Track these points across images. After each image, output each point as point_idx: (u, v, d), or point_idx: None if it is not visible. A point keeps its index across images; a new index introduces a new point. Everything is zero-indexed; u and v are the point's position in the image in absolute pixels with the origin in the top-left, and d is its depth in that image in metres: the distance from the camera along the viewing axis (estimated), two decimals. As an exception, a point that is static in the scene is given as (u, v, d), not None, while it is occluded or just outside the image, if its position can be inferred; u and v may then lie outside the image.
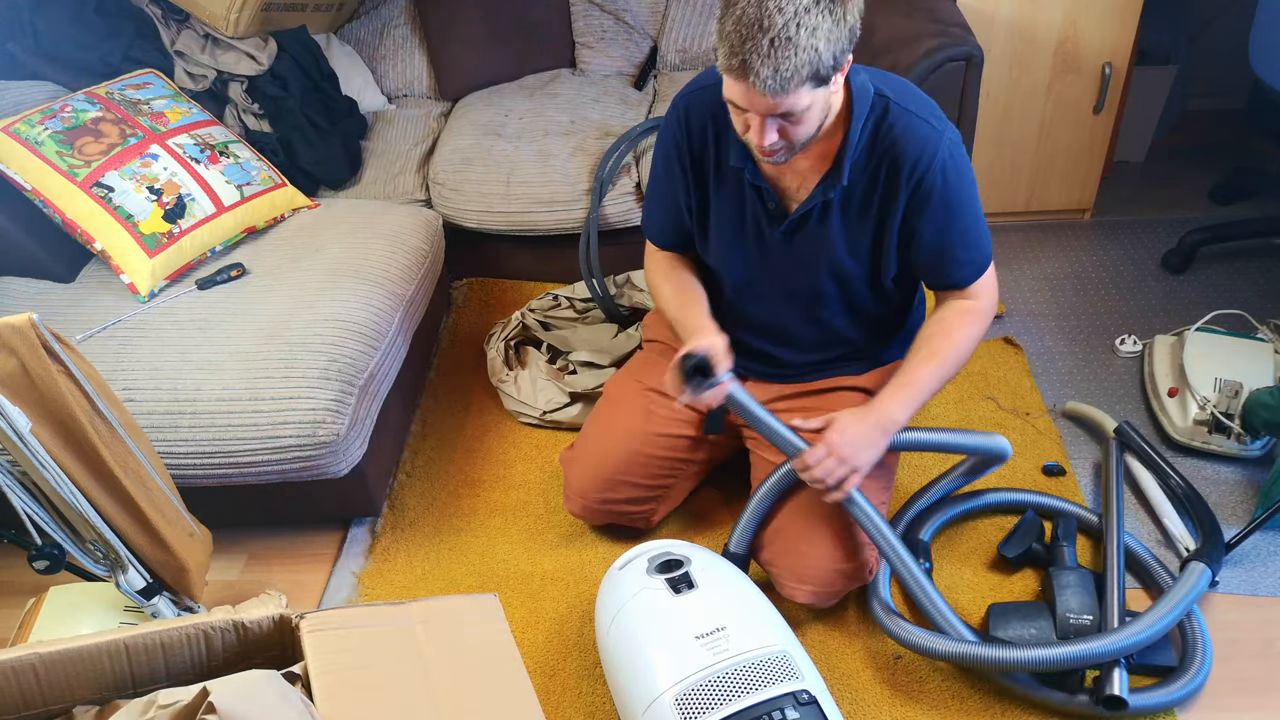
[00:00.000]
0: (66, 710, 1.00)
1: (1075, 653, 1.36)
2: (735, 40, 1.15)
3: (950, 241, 1.42)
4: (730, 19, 1.15)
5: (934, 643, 1.43)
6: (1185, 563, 1.51)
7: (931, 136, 1.34)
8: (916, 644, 1.45)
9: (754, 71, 1.15)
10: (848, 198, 1.39)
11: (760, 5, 1.13)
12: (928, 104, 1.37)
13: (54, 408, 1.19)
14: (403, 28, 2.54)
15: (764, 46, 1.13)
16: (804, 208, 1.40)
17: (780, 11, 1.12)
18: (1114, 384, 2.06)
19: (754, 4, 1.13)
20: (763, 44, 1.13)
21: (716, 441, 1.69)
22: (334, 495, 1.76)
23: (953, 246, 1.42)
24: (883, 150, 1.35)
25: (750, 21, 1.13)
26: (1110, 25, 2.25)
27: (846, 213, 1.41)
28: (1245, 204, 2.58)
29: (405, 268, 1.94)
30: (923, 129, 1.34)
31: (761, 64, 1.14)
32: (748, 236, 1.48)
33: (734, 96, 1.22)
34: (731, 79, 1.20)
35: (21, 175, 1.80)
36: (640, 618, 1.36)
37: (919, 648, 1.45)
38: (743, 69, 1.16)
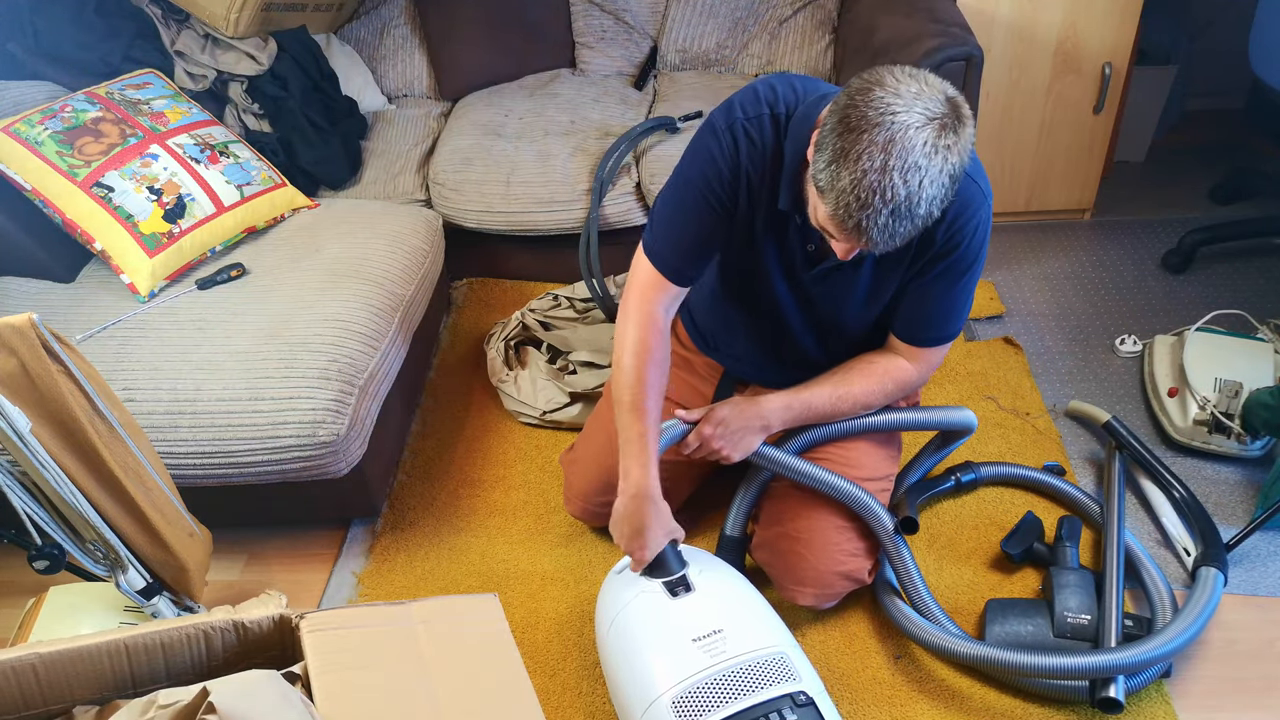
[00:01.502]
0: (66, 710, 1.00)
1: (1100, 662, 1.36)
2: (852, 203, 1.07)
3: (942, 301, 1.39)
4: (847, 175, 1.06)
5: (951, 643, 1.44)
6: (1195, 570, 1.51)
7: (976, 199, 1.29)
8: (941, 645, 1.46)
9: (867, 235, 1.10)
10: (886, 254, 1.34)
11: (884, 175, 1.04)
12: (977, 164, 1.31)
13: (54, 408, 1.19)
14: (403, 28, 2.54)
15: (883, 217, 1.07)
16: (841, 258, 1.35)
17: (905, 184, 1.05)
18: (1114, 384, 2.06)
19: (876, 173, 1.04)
20: (882, 215, 1.07)
21: None
22: (334, 495, 1.76)
23: (940, 308, 1.41)
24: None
25: (870, 191, 1.05)
26: (1110, 25, 2.25)
27: (881, 262, 1.37)
28: (1245, 204, 2.58)
29: (405, 268, 1.94)
30: (970, 190, 1.29)
31: (878, 232, 1.09)
32: (781, 272, 1.43)
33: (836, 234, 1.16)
34: (839, 229, 1.13)
35: (21, 175, 1.80)
36: (638, 621, 1.36)
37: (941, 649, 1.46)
38: (856, 230, 1.10)
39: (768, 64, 2.48)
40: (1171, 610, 1.50)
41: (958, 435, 1.69)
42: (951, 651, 1.44)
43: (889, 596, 1.55)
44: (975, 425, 1.60)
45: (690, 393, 1.66)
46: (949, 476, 1.77)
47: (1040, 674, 1.40)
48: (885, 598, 1.56)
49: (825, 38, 2.45)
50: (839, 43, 2.43)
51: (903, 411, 1.55)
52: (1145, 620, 1.49)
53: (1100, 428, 1.88)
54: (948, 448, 1.74)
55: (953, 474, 1.78)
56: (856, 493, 1.49)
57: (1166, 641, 1.38)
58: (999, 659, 1.40)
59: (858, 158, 1.05)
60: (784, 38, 2.47)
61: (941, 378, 2.07)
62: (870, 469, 1.55)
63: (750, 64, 2.51)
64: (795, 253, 1.40)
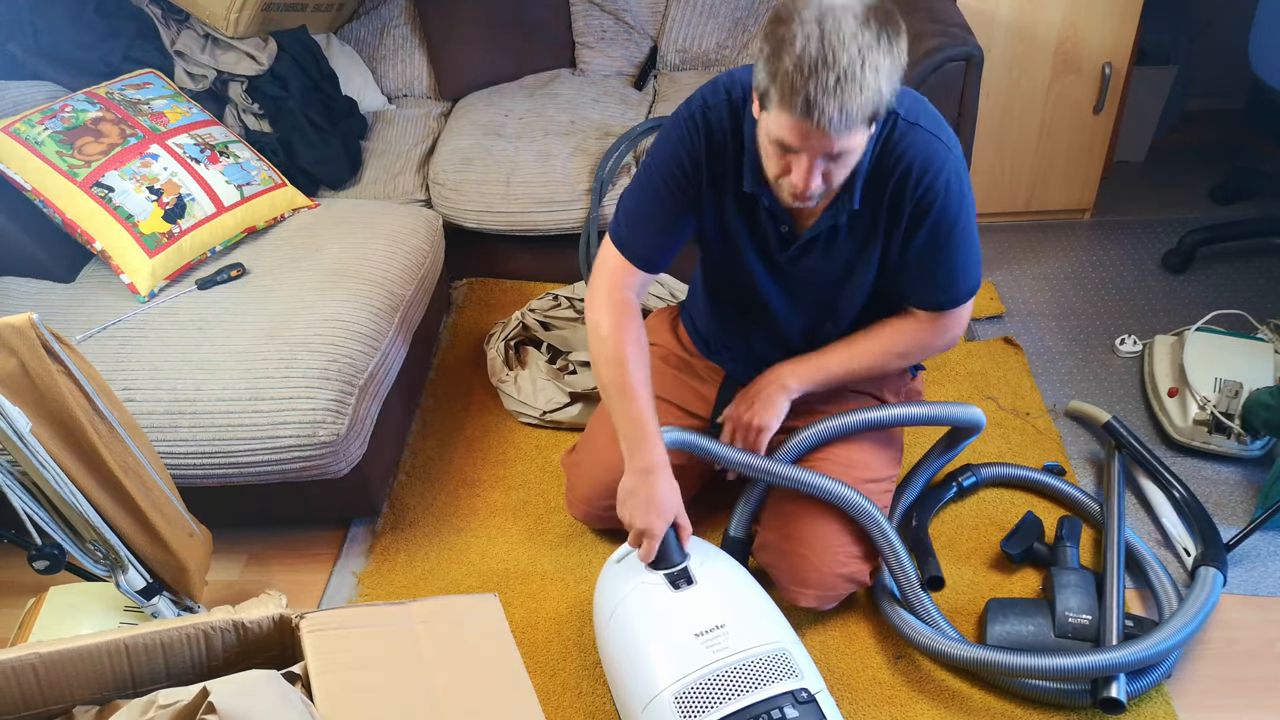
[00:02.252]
0: (66, 710, 1.00)
1: (1096, 662, 1.35)
2: (796, 78, 1.09)
3: (940, 263, 1.39)
4: (788, 57, 1.09)
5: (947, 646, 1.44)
6: (1194, 569, 1.51)
7: (940, 153, 1.30)
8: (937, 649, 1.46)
9: (819, 109, 1.10)
10: (856, 217, 1.37)
11: (823, 41, 1.08)
12: (936, 118, 1.33)
13: (54, 408, 1.19)
14: (403, 28, 2.54)
15: (829, 83, 1.08)
16: (814, 231, 1.37)
17: (844, 48, 1.08)
18: (1114, 384, 2.06)
19: (815, 41, 1.08)
20: (829, 81, 1.08)
21: None
22: (334, 495, 1.76)
23: (942, 269, 1.40)
24: (890, 165, 1.31)
25: (814, 58, 1.08)
26: (1110, 25, 2.25)
27: (854, 232, 1.38)
28: (1245, 204, 2.58)
29: (405, 268, 1.94)
30: (932, 145, 1.30)
31: (828, 101, 1.09)
32: (758, 256, 1.45)
33: (788, 136, 1.16)
34: (789, 118, 1.13)
35: (21, 175, 1.80)
36: (639, 614, 1.36)
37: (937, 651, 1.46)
38: (806, 108, 1.10)
39: (768, 64, 2.48)
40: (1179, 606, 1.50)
41: (965, 435, 1.68)
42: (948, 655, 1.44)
43: (888, 604, 1.54)
44: (983, 423, 1.60)
45: (692, 395, 1.66)
46: (950, 484, 1.77)
47: (1036, 675, 1.40)
48: (885, 605, 1.55)
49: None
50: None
51: (912, 406, 1.55)
52: (1147, 621, 1.48)
53: (1100, 428, 1.87)
54: (955, 449, 1.74)
55: (954, 480, 1.77)
56: (856, 498, 1.48)
57: (1162, 640, 1.37)
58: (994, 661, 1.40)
59: (793, 39, 1.09)
60: (784, 38, 2.47)
61: (941, 378, 2.07)
62: (873, 470, 1.55)
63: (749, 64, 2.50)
64: (769, 236, 1.41)
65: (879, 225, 1.37)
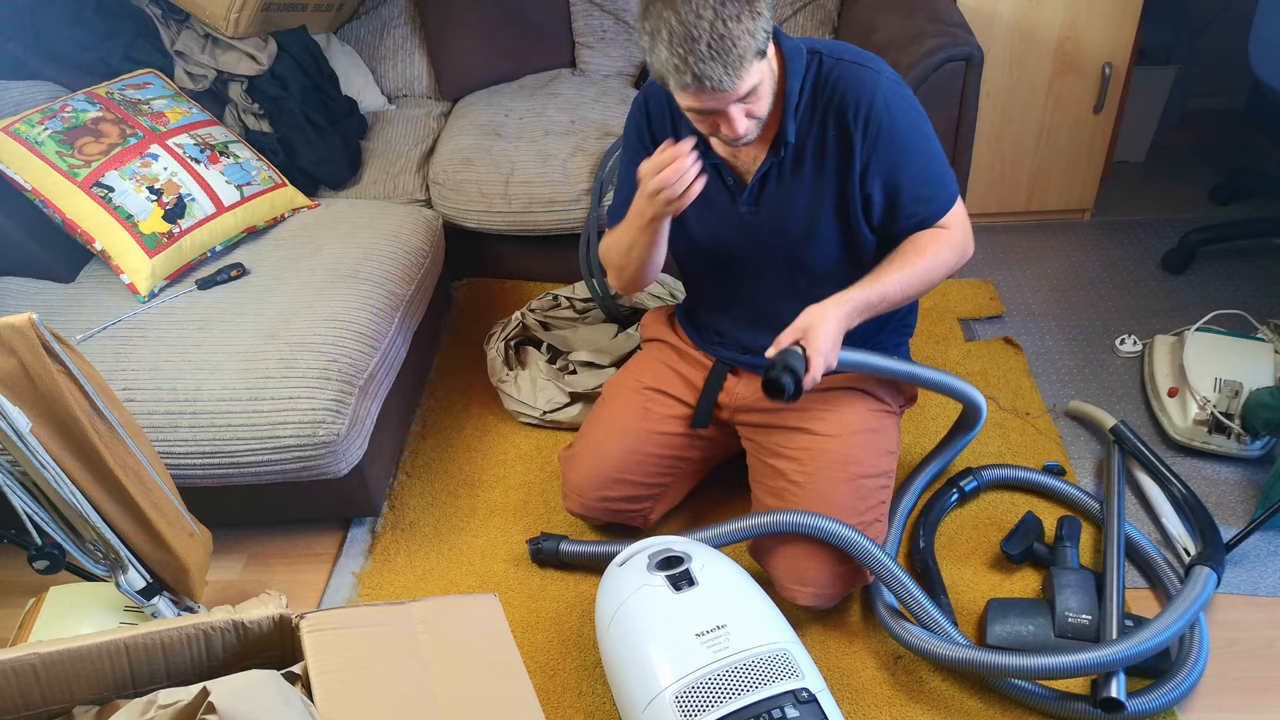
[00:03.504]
0: (66, 710, 1.00)
1: (1081, 661, 1.35)
2: (677, 60, 1.20)
3: (909, 179, 1.40)
4: (661, 46, 1.21)
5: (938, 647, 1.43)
6: (1190, 567, 1.51)
7: (868, 78, 1.37)
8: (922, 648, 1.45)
9: (707, 77, 1.21)
10: (799, 155, 1.42)
11: (682, 22, 1.18)
12: (862, 53, 1.41)
13: (54, 408, 1.19)
14: (403, 28, 2.54)
15: (704, 53, 1.19)
16: (759, 174, 1.44)
17: (700, 17, 1.18)
18: (1114, 384, 2.06)
19: (676, 23, 1.19)
20: (703, 51, 1.19)
21: (714, 439, 1.69)
22: (334, 495, 1.76)
23: (912, 184, 1.40)
24: (825, 102, 1.39)
25: (680, 39, 1.19)
26: (1110, 25, 2.25)
27: (800, 171, 1.43)
28: (1245, 204, 2.58)
29: (405, 268, 1.94)
30: (860, 73, 1.38)
31: (709, 68, 1.20)
32: (717, 215, 1.50)
33: (697, 104, 1.27)
34: (688, 93, 1.25)
35: (21, 175, 1.80)
36: (640, 615, 1.36)
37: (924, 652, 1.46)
38: (697, 80, 1.21)
39: (768, 64, 2.48)
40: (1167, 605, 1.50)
41: (966, 429, 1.71)
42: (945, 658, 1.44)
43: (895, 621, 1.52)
44: (983, 407, 1.63)
45: (680, 382, 1.68)
46: (951, 490, 1.76)
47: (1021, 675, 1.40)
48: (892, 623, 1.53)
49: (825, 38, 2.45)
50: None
51: (925, 368, 1.56)
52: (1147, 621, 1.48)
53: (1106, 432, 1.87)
54: (956, 445, 1.75)
55: (954, 486, 1.77)
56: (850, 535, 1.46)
57: (1148, 638, 1.37)
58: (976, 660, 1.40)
59: (659, 28, 1.20)
60: (784, 38, 2.47)
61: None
62: (868, 465, 1.54)
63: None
64: (719, 192, 1.48)
65: (827, 165, 1.42)
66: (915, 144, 1.41)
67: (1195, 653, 1.46)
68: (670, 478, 1.70)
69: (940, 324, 2.22)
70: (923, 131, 1.42)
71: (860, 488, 1.52)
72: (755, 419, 1.63)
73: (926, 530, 1.69)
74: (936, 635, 1.45)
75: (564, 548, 1.70)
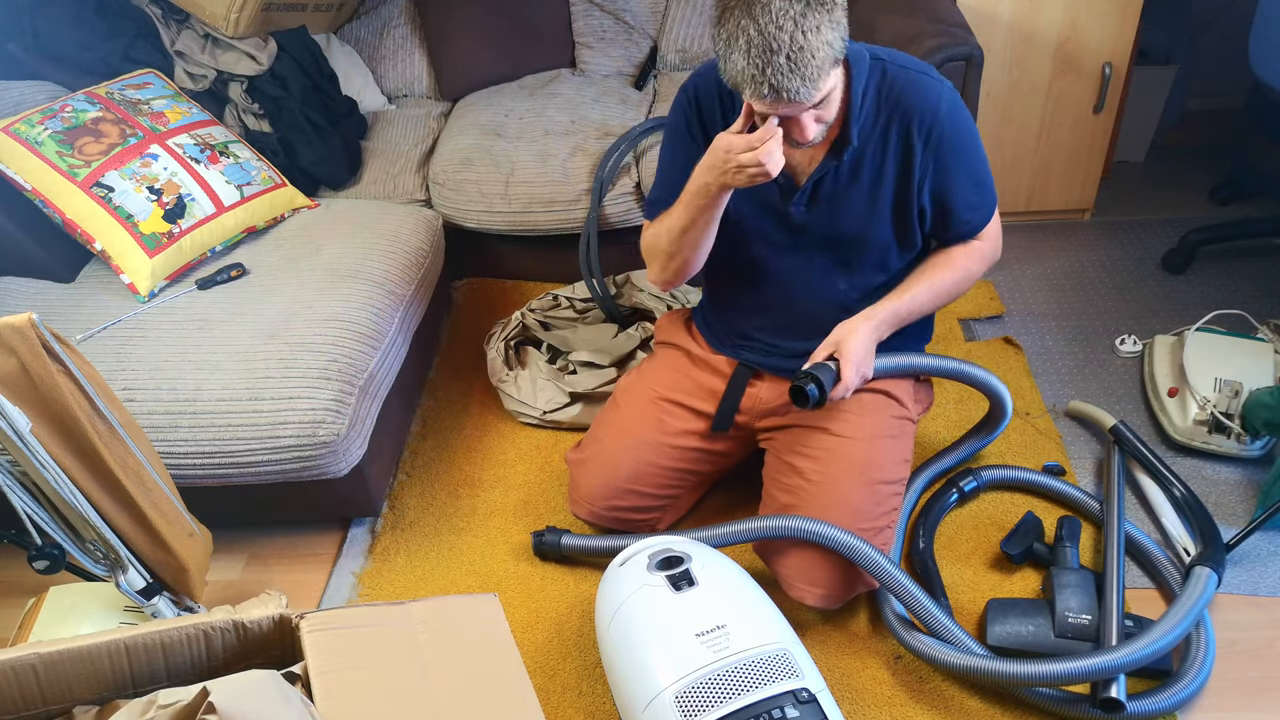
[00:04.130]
0: (66, 710, 1.00)
1: (1084, 667, 1.35)
2: (755, 71, 1.19)
3: (963, 189, 1.46)
4: (739, 56, 1.19)
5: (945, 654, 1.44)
6: (1190, 568, 1.51)
7: (933, 88, 1.39)
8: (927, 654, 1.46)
9: (785, 90, 1.20)
10: (859, 160, 1.42)
11: (761, 32, 1.17)
12: (920, 61, 1.42)
13: (54, 408, 1.19)
14: (403, 28, 2.54)
15: (784, 65, 1.18)
16: (815, 176, 1.43)
17: (780, 29, 1.16)
18: (1114, 384, 2.06)
19: (755, 33, 1.17)
20: (782, 64, 1.18)
21: (728, 450, 1.69)
22: (334, 495, 1.76)
23: (966, 193, 1.46)
24: (890, 109, 1.39)
25: (759, 50, 1.17)
26: (1110, 25, 2.25)
27: (859, 176, 1.43)
28: (1245, 204, 2.58)
29: (405, 268, 1.94)
30: (924, 82, 1.39)
31: (788, 80, 1.19)
32: (766, 213, 1.49)
33: (772, 112, 1.26)
34: (764, 103, 1.23)
35: (21, 175, 1.80)
36: (640, 615, 1.36)
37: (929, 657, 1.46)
38: (774, 91, 1.20)
39: (768, 64, 2.48)
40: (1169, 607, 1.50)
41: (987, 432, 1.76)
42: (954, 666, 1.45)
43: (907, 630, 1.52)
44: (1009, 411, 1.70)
45: (697, 391, 1.66)
46: (951, 490, 1.76)
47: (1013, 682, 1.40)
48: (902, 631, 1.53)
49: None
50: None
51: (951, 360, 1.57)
52: (1146, 621, 1.48)
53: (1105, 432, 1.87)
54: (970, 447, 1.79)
55: (954, 486, 1.77)
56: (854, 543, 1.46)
57: (1155, 640, 1.37)
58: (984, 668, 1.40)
59: (736, 37, 1.19)
60: (784, 38, 2.47)
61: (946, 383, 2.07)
62: (886, 471, 1.54)
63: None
64: (773, 193, 1.46)
65: (886, 171, 1.42)
66: (973, 155, 1.45)
67: (1201, 656, 1.46)
68: (681, 489, 1.70)
69: (940, 324, 2.21)
70: (977, 142, 1.45)
71: (876, 492, 1.52)
72: (777, 421, 1.63)
73: (926, 530, 1.70)
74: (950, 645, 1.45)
75: (566, 541, 1.70)
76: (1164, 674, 1.47)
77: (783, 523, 1.49)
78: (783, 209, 1.47)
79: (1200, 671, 1.45)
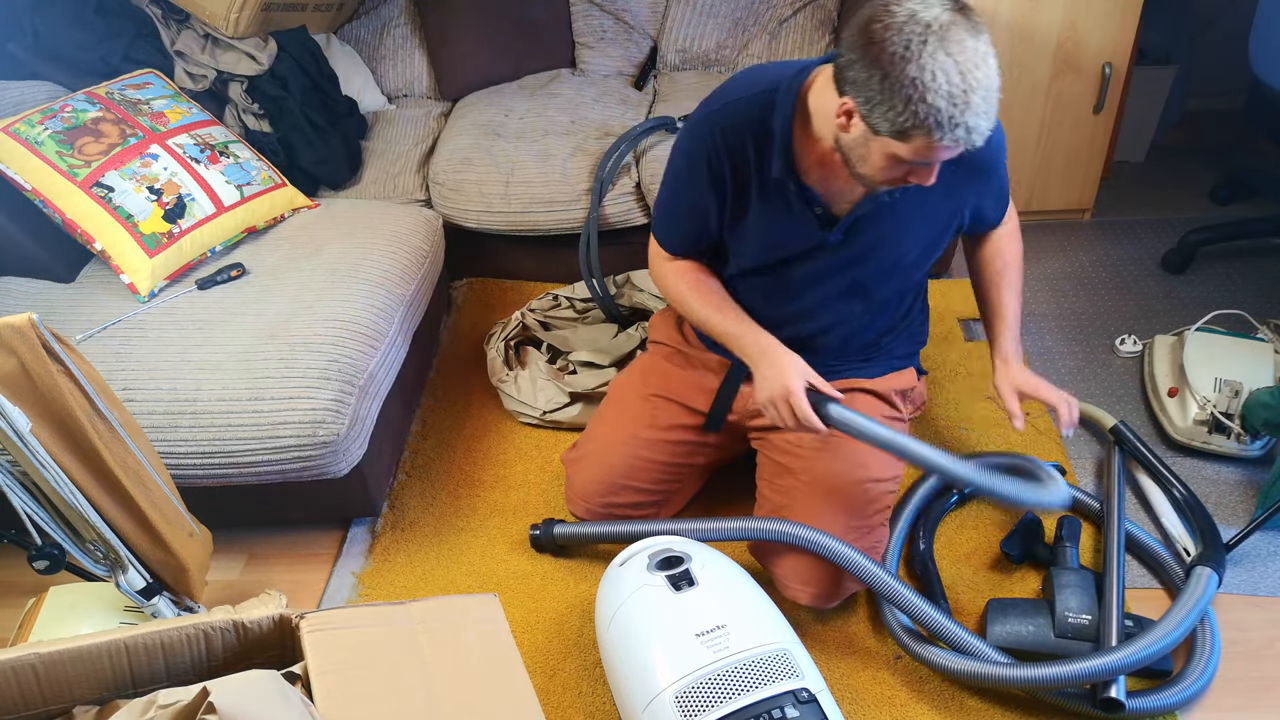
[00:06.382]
0: (66, 710, 1.00)
1: (1084, 669, 1.35)
2: (954, 112, 1.12)
3: (996, 189, 1.52)
4: (937, 98, 1.11)
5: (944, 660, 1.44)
6: (1190, 568, 1.51)
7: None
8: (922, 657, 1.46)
9: (975, 131, 1.15)
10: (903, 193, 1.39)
11: (962, 72, 1.11)
12: None
13: (54, 408, 1.19)
14: (403, 28, 2.54)
15: (980, 106, 1.13)
16: (864, 208, 1.39)
17: (978, 68, 1.12)
18: (1114, 384, 2.06)
19: (956, 74, 1.10)
20: (978, 104, 1.13)
21: (720, 445, 1.69)
22: (334, 495, 1.76)
23: (998, 191, 1.52)
24: None
25: (962, 90, 1.11)
26: (1110, 25, 2.25)
27: (898, 207, 1.41)
28: (1245, 204, 2.58)
29: (405, 268, 1.94)
30: None
31: (983, 121, 1.15)
32: (799, 239, 1.45)
33: (934, 156, 1.19)
34: (942, 145, 1.16)
35: (21, 175, 1.80)
36: (640, 615, 1.36)
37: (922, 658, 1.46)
38: (967, 133, 1.14)
39: (768, 64, 2.48)
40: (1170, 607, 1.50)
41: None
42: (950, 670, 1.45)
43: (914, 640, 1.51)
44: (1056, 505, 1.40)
45: (692, 390, 1.66)
46: (951, 492, 1.76)
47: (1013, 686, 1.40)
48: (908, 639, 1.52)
49: (825, 38, 2.45)
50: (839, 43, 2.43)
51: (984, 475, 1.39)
52: (1147, 621, 1.48)
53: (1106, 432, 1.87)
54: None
55: (953, 489, 1.77)
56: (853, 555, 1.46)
57: (1156, 640, 1.37)
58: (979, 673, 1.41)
59: (933, 78, 1.10)
60: (784, 38, 2.47)
61: (942, 378, 2.07)
62: (877, 470, 1.54)
63: (750, 64, 2.51)
64: (809, 222, 1.42)
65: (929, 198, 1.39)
66: (1004, 158, 1.47)
67: (1206, 655, 1.46)
68: (676, 484, 1.70)
69: (941, 324, 2.21)
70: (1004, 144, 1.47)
71: (867, 491, 1.53)
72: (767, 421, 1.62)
73: (926, 531, 1.70)
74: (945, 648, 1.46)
75: (558, 530, 1.70)
76: (1164, 674, 1.47)
77: (775, 526, 1.49)
78: (819, 237, 1.44)
79: (1205, 671, 1.45)
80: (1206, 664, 1.46)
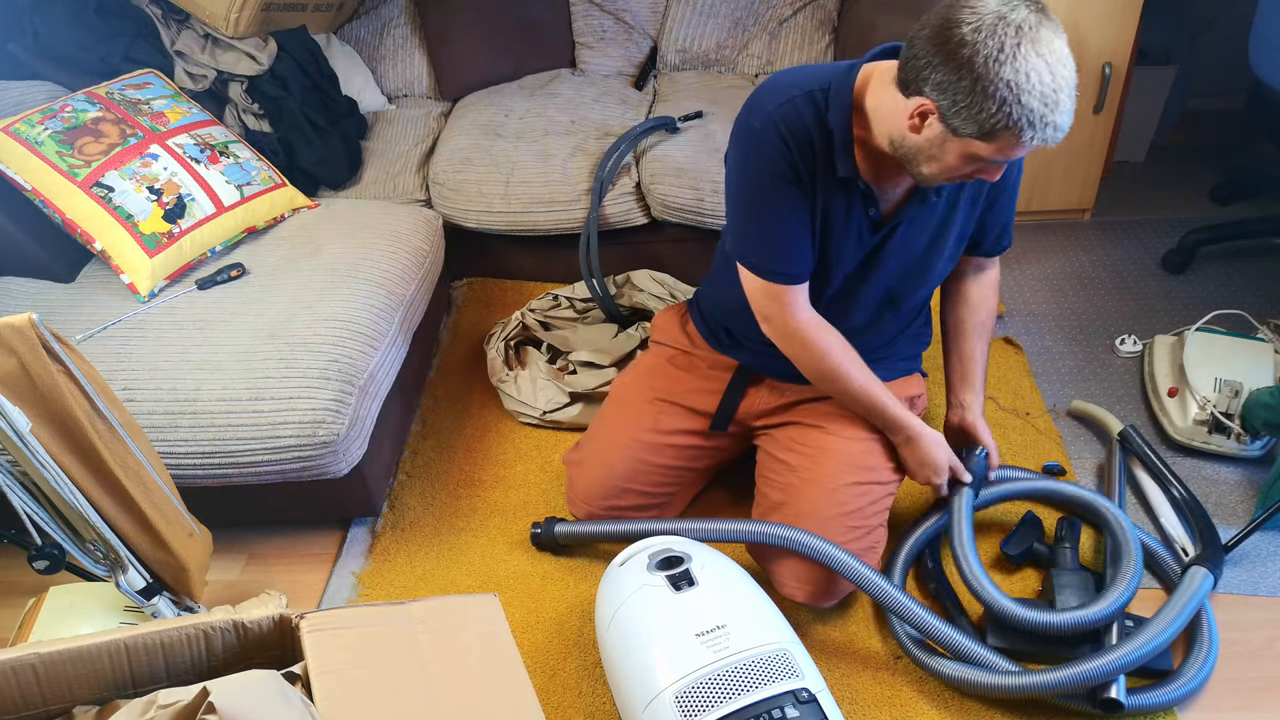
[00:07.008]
0: (66, 710, 1.00)
1: (1079, 673, 1.35)
2: (1046, 111, 1.13)
3: (1006, 209, 1.52)
4: (1032, 98, 1.11)
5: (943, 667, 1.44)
6: (1186, 568, 1.51)
7: None
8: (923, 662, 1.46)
9: (1061, 129, 1.16)
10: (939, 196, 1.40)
11: (1052, 72, 1.12)
12: None
13: (54, 408, 1.19)
14: (403, 28, 2.54)
15: (1066, 104, 1.14)
16: (911, 210, 1.39)
17: (1065, 65, 1.13)
18: (1114, 384, 2.06)
19: (1045, 72, 1.11)
20: (1064, 102, 1.14)
21: (723, 447, 1.69)
22: (334, 495, 1.76)
23: (1006, 213, 1.53)
24: None
25: (1054, 88, 1.12)
26: (1110, 25, 2.25)
27: (932, 211, 1.42)
28: (1245, 204, 2.58)
29: (405, 268, 1.94)
30: None
31: (1067, 118, 1.16)
32: (853, 242, 1.43)
33: (1014, 153, 1.19)
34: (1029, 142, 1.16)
35: (21, 175, 1.80)
36: (640, 615, 1.36)
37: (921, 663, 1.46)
38: (1055, 131, 1.15)
39: (768, 64, 2.48)
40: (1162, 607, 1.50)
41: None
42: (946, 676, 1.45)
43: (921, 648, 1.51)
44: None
45: (697, 393, 1.66)
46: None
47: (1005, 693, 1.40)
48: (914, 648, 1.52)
49: (825, 38, 2.45)
50: (839, 43, 2.43)
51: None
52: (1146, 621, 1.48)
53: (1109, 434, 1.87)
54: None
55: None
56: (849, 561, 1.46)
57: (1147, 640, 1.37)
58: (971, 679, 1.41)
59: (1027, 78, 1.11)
60: (784, 38, 2.47)
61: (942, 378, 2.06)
62: (878, 471, 1.55)
63: (750, 64, 2.51)
64: (862, 221, 1.41)
65: (960, 204, 1.43)
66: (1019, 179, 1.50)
67: (1204, 653, 1.46)
68: (677, 486, 1.70)
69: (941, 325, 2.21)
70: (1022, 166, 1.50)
71: (867, 492, 1.53)
72: (773, 420, 1.63)
73: (933, 548, 1.68)
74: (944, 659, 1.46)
75: (559, 529, 1.70)
76: (1163, 673, 1.47)
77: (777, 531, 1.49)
78: (869, 240, 1.43)
79: (1202, 668, 1.45)
80: (1204, 661, 1.45)
